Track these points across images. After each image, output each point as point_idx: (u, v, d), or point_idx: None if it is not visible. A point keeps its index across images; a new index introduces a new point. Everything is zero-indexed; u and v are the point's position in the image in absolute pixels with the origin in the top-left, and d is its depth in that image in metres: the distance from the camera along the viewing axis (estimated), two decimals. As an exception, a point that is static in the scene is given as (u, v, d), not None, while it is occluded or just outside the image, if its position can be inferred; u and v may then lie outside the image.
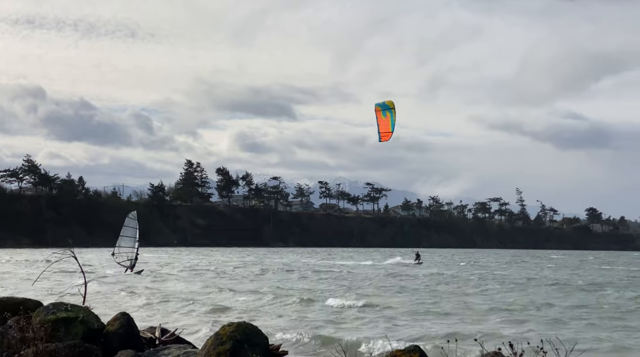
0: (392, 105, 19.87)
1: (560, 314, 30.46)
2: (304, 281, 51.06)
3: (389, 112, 19.81)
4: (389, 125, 19.82)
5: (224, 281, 48.84)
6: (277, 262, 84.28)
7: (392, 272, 63.50)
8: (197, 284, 45.41)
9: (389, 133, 19.95)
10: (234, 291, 39.44)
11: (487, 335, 23.05)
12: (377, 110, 19.96)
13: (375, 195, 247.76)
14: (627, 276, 65.40)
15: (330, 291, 41.41)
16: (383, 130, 19.89)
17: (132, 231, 56.69)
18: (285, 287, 43.47)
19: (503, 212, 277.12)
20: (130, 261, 54.83)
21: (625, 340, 23.40)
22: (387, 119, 19.81)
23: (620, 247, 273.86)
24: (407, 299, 36.46)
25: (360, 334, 23.64)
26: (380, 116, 19.87)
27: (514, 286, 47.25)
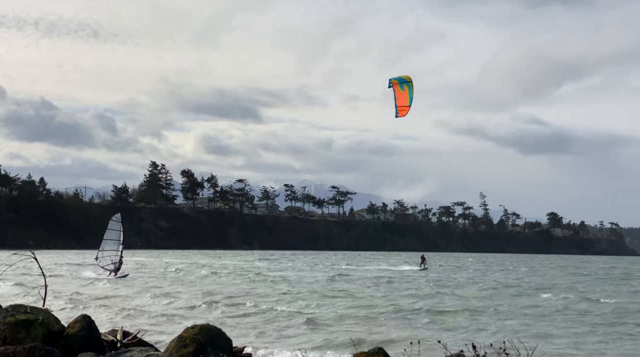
0: (409, 79, 19.27)
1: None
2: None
3: (406, 85, 19.19)
4: (406, 99, 19.21)
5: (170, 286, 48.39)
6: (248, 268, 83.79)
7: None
8: (157, 287, 44.97)
9: (407, 107, 19.30)
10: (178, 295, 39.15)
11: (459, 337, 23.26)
12: (394, 83, 19.29)
13: (340, 198, 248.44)
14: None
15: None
16: (400, 104, 19.26)
17: (116, 234, 55.81)
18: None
19: (467, 216, 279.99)
20: (114, 265, 53.99)
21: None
22: (404, 92, 19.21)
23: (580, 251, 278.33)
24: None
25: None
26: (398, 89, 19.22)
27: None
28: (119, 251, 54.57)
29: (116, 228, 56.17)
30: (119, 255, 54.37)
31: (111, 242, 55.47)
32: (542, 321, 29.21)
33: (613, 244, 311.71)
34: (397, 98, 19.22)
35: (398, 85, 19.19)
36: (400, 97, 19.23)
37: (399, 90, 19.17)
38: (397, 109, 19.31)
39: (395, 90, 19.24)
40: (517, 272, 79.41)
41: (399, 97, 19.21)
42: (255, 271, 67.79)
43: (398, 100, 19.22)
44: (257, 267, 79.24)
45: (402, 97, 19.19)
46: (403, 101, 19.20)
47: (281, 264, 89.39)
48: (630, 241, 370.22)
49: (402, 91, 19.15)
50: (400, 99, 19.23)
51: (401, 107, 19.25)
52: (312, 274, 65.87)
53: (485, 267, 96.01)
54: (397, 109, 19.30)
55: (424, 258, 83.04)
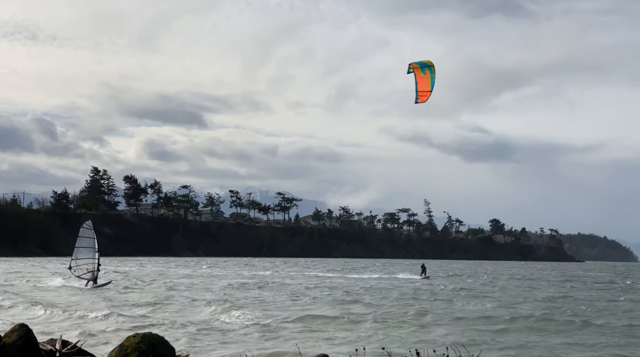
0: (431, 64, 18.08)
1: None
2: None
3: (428, 69, 18.16)
4: (428, 84, 18.20)
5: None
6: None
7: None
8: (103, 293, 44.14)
9: (428, 93, 18.29)
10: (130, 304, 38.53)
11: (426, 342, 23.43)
12: (415, 67, 18.25)
13: (286, 205, 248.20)
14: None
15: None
16: (422, 89, 18.26)
17: (89, 241, 53.41)
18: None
19: (411, 222, 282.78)
20: (92, 273, 51.82)
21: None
22: (426, 76, 18.19)
23: (521, 257, 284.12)
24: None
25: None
26: (419, 73, 18.23)
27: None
28: (95, 259, 52.23)
29: (88, 235, 53.62)
30: (96, 263, 52.09)
31: (85, 250, 53.06)
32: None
33: (553, 250, 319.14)
34: (418, 83, 18.27)
35: (419, 70, 18.26)
36: (421, 82, 18.29)
37: (420, 74, 18.24)
38: (418, 94, 18.36)
39: (416, 75, 18.26)
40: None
41: (420, 82, 18.27)
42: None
43: (419, 85, 18.28)
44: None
45: (424, 81, 18.26)
46: (424, 86, 18.26)
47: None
48: (569, 247, 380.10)
49: (423, 76, 18.23)
50: (421, 84, 18.28)
51: (422, 93, 18.32)
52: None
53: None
54: (418, 94, 18.35)
55: (424, 267, 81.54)
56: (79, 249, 53.41)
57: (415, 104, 18.27)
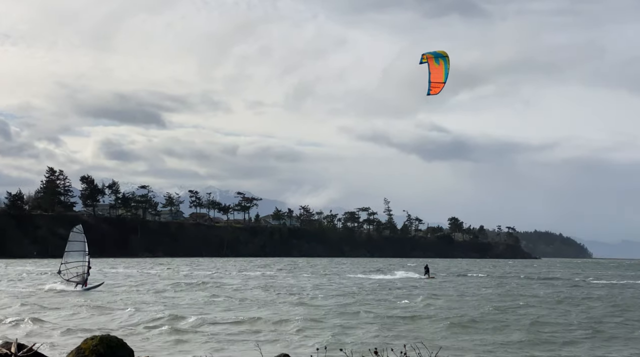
0: (445, 54, 17.73)
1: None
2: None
3: (442, 60, 17.65)
4: (442, 75, 17.66)
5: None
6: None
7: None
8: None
9: (442, 84, 17.76)
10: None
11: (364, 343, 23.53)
12: (428, 58, 17.72)
13: (246, 204, 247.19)
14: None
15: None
16: (435, 79, 17.71)
17: (79, 245, 53.16)
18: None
19: (371, 221, 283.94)
20: (81, 276, 51.44)
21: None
22: (440, 67, 17.66)
23: (480, 255, 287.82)
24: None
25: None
26: (433, 64, 17.66)
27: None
28: (85, 262, 52.06)
29: (79, 239, 53.42)
30: (86, 266, 51.85)
31: (75, 254, 52.85)
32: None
33: (510, 248, 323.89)
34: (432, 73, 17.70)
35: (433, 60, 17.71)
36: (434, 73, 17.73)
37: (433, 65, 17.68)
38: (431, 86, 17.82)
39: (429, 65, 17.70)
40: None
41: (434, 73, 17.71)
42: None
43: (432, 75, 17.71)
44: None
45: (437, 72, 17.72)
46: (438, 77, 17.72)
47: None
48: (526, 244, 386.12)
49: (437, 66, 17.69)
50: (435, 75, 17.73)
51: (435, 84, 17.81)
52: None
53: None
54: (431, 85, 17.81)
55: (427, 268, 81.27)
56: (69, 253, 53.12)
57: (427, 95, 17.86)
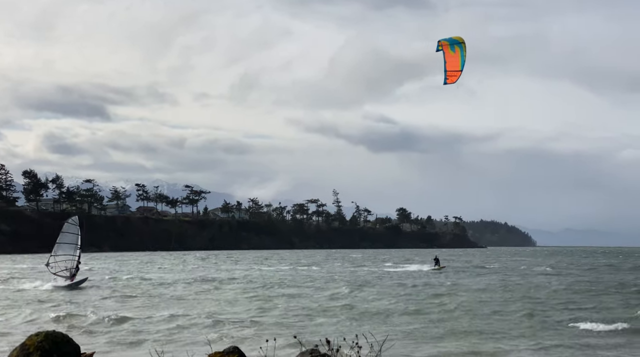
0: (461, 40, 16.81)
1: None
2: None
3: (458, 47, 16.76)
4: (458, 63, 16.80)
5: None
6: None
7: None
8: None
9: (458, 72, 16.90)
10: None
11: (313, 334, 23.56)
12: (444, 45, 16.82)
13: (194, 197, 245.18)
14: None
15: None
16: (451, 68, 16.87)
17: (72, 238, 50.09)
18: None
19: (320, 213, 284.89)
20: (70, 271, 48.63)
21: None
22: (456, 54, 16.78)
23: (428, 245, 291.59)
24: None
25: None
26: (449, 51, 16.77)
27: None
28: (75, 256, 49.22)
29: (73, 231, 50.34)
30: (76, 260, 49.10)
31: (66, 246, 49.82)
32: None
33: (457, 237, 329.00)
34: (447, 62, 16.85)
35: (449, 47, 16.83)
36: (450, 61, 16.87)
37: (449, 52, 16.83)
38: (447, 74, 16.97)
39: (445, 53, 16.84)
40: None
41: (450, 61, 16.85)
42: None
43: (448, 64, 16.86)
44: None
45: (453, 60, 16.86)
46: (454, 65, 16.87)
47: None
48: (472, 234, 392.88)
49: (453, 54, 16.82)
50: (450, 63, 16.87)
51: (451, 72, 16.96)
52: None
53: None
54: (447, 74, 16.97)
55: (437, 259, 79.99)
56: (59, 245, 50.19)
57: (444, 84, 16.93)
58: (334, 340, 12.20)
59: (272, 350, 14.22)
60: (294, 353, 17.71)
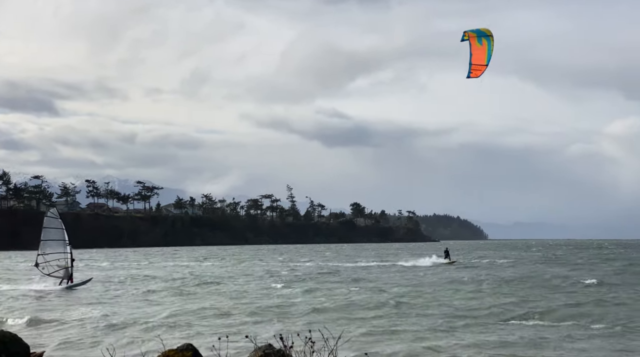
0: (489, 32, 15.78)
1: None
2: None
3: (485, 39, 15.77)
4: (484, 56, 15.87)
5: None
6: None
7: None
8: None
9: (483, 67, 15.96)
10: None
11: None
12: (471, 37, 15.86)
13: (146, 193, 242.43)
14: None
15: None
16: (476, 61, 15.93)
17: (58, 233, 45.61)
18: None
19: (274, 208, 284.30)
20: (65, 270, 44.71)
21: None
22: (482, 47, 15.81)
23: (381, 239, 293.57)
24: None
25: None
26: (475, 44, 15.80)
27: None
28: (67, 253, 44.98)
29: (55, 226, 45.83)
30: (69, 258, 44.83)
31: (53, 243, 45.29)
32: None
33: (410, 232, 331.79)
34: (473, 54, 15.88)
35: (475, 39, 15.84)
36: (476, 54, 15.91)
37: (475, 45, 15.85)
38: (471, 68, 16.06)
39: (471, 45, 15.84)
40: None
41: (476, 54, 15.89)
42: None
43: (474, 57, 15.90)
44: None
45: (479, 53, 15.92)
46: (480, 58, 15.93)
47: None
48: (425, 228, 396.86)
49: (479, 46, 15.86)
50: (476, 56, 15.92)
51: (476, 66, 16.05)
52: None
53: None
54: (471, 67, 16.05)
55: (447, 252, 78.33)
56: (45, 243, 45.52)
57: (467, 78, 16.05)
58: (289, 336, 12.16)
59: (225, 348, 14.12)
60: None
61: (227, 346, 14.53)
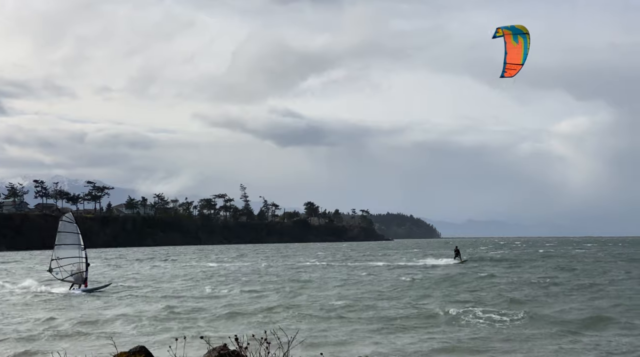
0: (525, 30, 14.85)
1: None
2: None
3: (521, 37, 14.89)
4: (520, 55, 14.93)
5: None
6: None
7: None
8: None
9: (518, 66, 14.99)
10: None
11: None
12: (506, 34, 14.96)
13: (97, 193, 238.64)
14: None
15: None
16: (512, 61, 14.98)
17: (72, 237, 44.47)
18: None
19: (228, 208, 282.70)
20: (79, 275, 43.42)
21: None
22: (519, 46, 14.91)
23: (336, 238, 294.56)
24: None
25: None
26: (511, 42, 14.92)
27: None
28: (82, 258, 43.79)
29: (71, 230, 44.71)
30: (84, 262, 43.62)
31: (68, 248, 44.22)
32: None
33: (364, 231, 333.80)
34: (508, 53, 14.97)
35: (511, 37, 14.94)
36: (512, 53, 14.99)
37: (511, 43, 14.96)
38: (505, 67, 15.07)
39: (506, 43, 14.98)
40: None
41: (511, 53, 14.97)
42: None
43: (509, 56, 14.98)
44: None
45: (515, 52, 15.01)
46: (515, 58, 15.00)
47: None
48: (379, 227, 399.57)
49: (515, 45, 14.96)
50: (512, 55, 14.99)
51: (511, 65, 15.06)
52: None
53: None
54: (506, 66, 15.07)
55: (458, 251, 76.40)
56: (60, 247, 44.48)
57: (501, 77, 15.13)
58: (243, 337, 11.80)
59: (181, 349, 13.77)
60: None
61: (184, 346, 13.91)
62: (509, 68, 15.10)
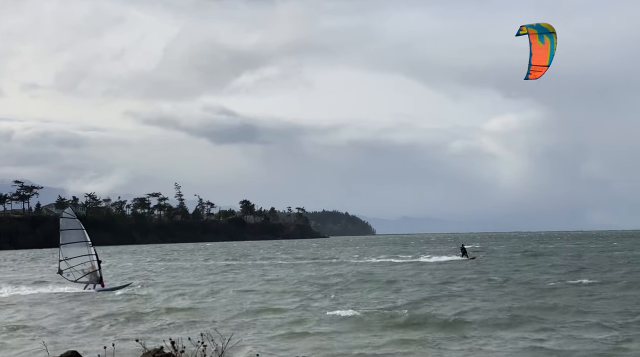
0: (552, 29, 13.94)
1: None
2: None
3: (547, 37, 13.92)
4: (546, 56, 14.01)
5: None
6: None
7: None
8: None
9: (544, 68, 14.04)
10: None
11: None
12: (531, 34, 14.02)
13: (25, 193, 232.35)
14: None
15: None
16: (537, 62, 14.13)
17: (78, 234, 41.45)
18: None
19: (162, 207, 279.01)
20: (92, 274, 40.81)
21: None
22: (544, 47, 13.96)
23: (272, 236, 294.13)
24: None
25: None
26: (536, 42, 14.01)
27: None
28: (91, 255, 41.11)
29: (75, 226, 41.77)
30: (94, 259, 41.01)
31: (75, 246, 41.33)
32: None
33: (300, 228, 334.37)
34: (534, 54, 14.10)
35: (536, 37, 14.03)
36: (537, 53, 14.12)
37: (536, 43, 14.07)
38: (530, 69, 14.22)
39: (531, 44, 14.06)
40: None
41: (537, 53, 14.11)
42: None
43: (534, 57, 14.12)
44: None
45: (541, 53, 14.10)
46: (541, 59, 14.12)
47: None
48: (315, 224, 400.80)
49: (541, 45, 14.03)
50: (537, 56, 14.13)
51: (536, 67, 14.22)
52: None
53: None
54: (531, 68, 14.21)
55: (464, 249, 75.40)
56: (66, 246, 41.45)
57: (525, 79, 14.27)
58: (180, 340, 11.86)
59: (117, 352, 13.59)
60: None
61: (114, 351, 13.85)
62: (534, 70, 14.40)
